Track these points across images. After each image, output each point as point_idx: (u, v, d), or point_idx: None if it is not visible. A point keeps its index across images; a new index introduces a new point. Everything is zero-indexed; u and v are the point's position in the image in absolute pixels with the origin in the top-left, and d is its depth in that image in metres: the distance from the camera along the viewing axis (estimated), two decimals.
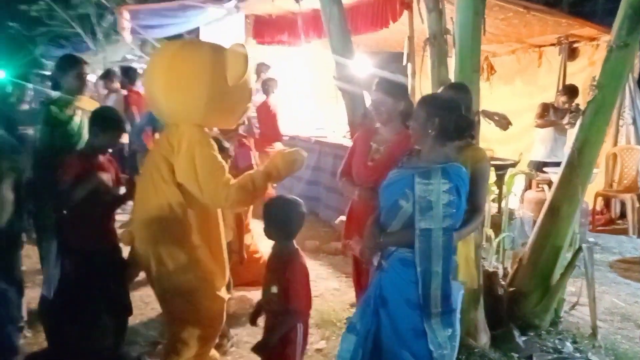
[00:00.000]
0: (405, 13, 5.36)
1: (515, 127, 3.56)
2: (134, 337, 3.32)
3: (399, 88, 3.00)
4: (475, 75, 3.25)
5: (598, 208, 6.46)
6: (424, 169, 2.15)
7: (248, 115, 6.12)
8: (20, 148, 1.40)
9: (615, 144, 6.60)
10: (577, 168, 3.38)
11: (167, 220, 2.55)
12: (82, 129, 3.20)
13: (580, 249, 3.53)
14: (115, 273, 2.88)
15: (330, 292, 4.23)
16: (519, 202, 5.57)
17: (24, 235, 3.57)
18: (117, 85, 6.80)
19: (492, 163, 3.93)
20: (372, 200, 2.58)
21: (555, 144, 6.17)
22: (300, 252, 2.44)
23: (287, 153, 2.65)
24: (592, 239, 5.50)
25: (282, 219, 2.39)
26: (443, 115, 2.18)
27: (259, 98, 6.39)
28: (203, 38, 7.90)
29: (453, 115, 2.22)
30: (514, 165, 5.02)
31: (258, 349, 2.40)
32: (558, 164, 4.22)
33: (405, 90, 3.08)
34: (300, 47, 7.53)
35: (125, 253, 2.93)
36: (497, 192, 4.54)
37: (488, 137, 5.94)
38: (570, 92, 6.12)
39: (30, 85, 5.91)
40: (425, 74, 3.58)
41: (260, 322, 2.52)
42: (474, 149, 2.60)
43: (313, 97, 9.00)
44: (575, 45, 6.84)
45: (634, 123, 6.54)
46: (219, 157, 2.54)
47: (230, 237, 3.44)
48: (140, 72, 7.58)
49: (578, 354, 3.31)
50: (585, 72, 6.67)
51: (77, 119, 3.22)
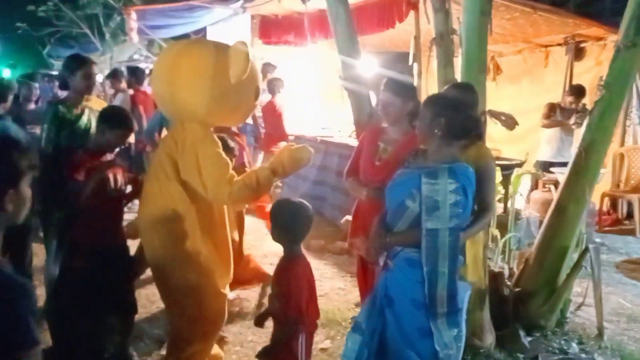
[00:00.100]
0: (411, 13, 5.36)
1: (522, 127, 3.55)
2: (140, 335, 3.34)
3: (408, 88, 2.99)
4: (482, 75, 3.24)
5: (605, 208, 6.43)
6: (431, 169, 2.15)
7: (254, 115, 6.17)
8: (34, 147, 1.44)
9: (623, 144, 6.57)
10: (584, 168, 3.37)
11: (171, 218, 2.56)
12: (89, 129, 3.20)
13: (587, 250, 3.52)
14: (122, 271, 2.90)
15: (335, 291, 4.24)
16: (525, 202, 5.56)
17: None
18: (123, 85, 6.83)
19: (498, 163, 3.93)
20: (379, 200, 2.55)
21: (562, 144, 6.16)
22: (306, 259, 2.40)
23: (293, 150, 2.62)
24: (598, 240, 5.47)
25: (288, 223, 2.36)
26: (449, 115, 2.18)
27: (265, 98, 6.41)
28: (210, 38, 7.92)
29: (459, 115, 2.21)
30: (520, 165, 4.99)
31: (262, 355, 2.40)
32: (565, 164, 4.21)
33: (414, 91, 3.06)
34: (306, 47, 7.54)
35: (133, 250, 2.95)
36: (503, 192, 4.52)
37: (494, 137, 5.92)
38: (578, 92, 6.10)
39: (37, 85, 5.93)
40: (432, 74, 3.58)
41: (269, 323, 2.52)
42: (478, 147, 2.58)
43: (319, 97, 9.01)
44: (582, 45, 6.81)
45: None
46: (223, 154, 2.55)
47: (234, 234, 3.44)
48: (147, 72, 7.62)
49: (584, 355, 3.30)
50: (592, 72, 6.63)
51: (84, 119, 3.22)
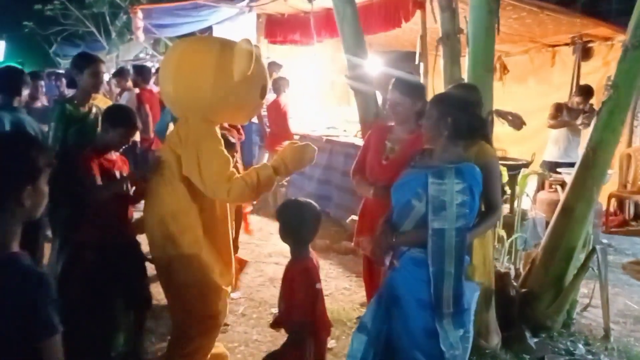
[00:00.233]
0: (418, 12, 5.34)
1: (528, 127, 3.53)
2: (146, 333, 3.34)
3: (417, 88, 2.98)
4: (489, 75, 3.23)
5: (612, 209, 6.39)
6: (438, 169, 2.14)
7: (259, 114, 6.17)
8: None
9: (630, 145, 6.53)
10: (591, 169, 3.35)
11: (173, 214, 2.57)
12: (96, 127, 3.20)
13: (594, 251, 3.51)
14: (133, 266, 2.91)
15: (340, 291, 4.23)
16: (532, 202, 5.53)
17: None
18: (129, 84, 6.85)
19: (504, 163, 3.92)
20: (386, 199, 2.52)
21: (569, 145, 6.14)
22: (312, 262, 2.33)
23: (296, 148, 2.60)
24: (605, 241, 5.44)
25: (293, 224, 2.30)
26: (456, 115, 2.17)
27: (270, 97, 6.40)
28: None
29: (466, 115, 2.20)
30: (527, 166, 4.98)
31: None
32: (571, 165, 4.19)
33: (423, 91, 3.04)
34: (313, 46, 7.53)
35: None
36: (509, 192, 4.51)
37: (501, 137, 5.89)
38: (585, 92, 6.07)
39: (42, 83, 5.94)
40: (438, 73, 3.56)
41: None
42: (480, 146, 2.55)
43: (324, 96, 9.01)
44: (590, 45, 6.77)
45: None
46: (224, 152, 2.53)
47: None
48: (153, 70, 7.64)
49: (590, 356, 3.29)
50: (600, 72, 6.60)
51: (92, 117, 3.23)
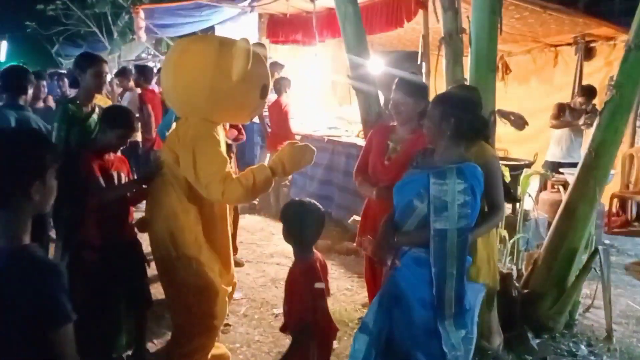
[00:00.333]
0: (420, 12, 5.34)
1: (531, 127, 3.52)
2: (147, 333, 3.34)
3: (420, 88, 2.98)
4: (492, 75, 3.22)
5: (614, 210, 6.38)
6: (439, 169, 2.14)
7: (261, 114, 6.16)
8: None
9: (632, 145, 6.52)
10: (593, 169, 3.34)
11: (173, 213, 2.58)
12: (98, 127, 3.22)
13: (596, 251, 3.49)
14: (133, 266, 2.92)
15: (342, 292, 4.23)
16: (534, 203, 5.51)
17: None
18: (131, 84, 6.85)
19: (506, 163, 3.91)
20: (389, 199, 2.49)
21: (572, 145, 6.12)
22: (316, 264, 2.27)
23: (295, 148, 2.58)
24: (607, 241, 5.43)
25: (295, 225, 2.26)
26: (459, 115, 2.17)
27: (271, 97, 6.39)
28: None
29: (469, 115, 2.20)
30: (529, 166, 4.96)
31: None
32: (574, 165, 4.17)
33: (426, 91, 3.04)
34: (315, 46, 7.53)
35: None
36: (516, 193, 4.49)
37: (503, 137, 5.89)
38: (589, 92, 6.05)
39: (44, 83, 5.94)
40: (440, 73, 3.56)
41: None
42: (480, 146, 2.54)
43: (326, 96, 9.00)
44: (592, 45, 6.76)
45: None
46: (222, 153, 2.52)
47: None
48: (155, 70, 7.64)
49: (593, 357, 3.28)
50: (602, 72, 6.59)
51: (94, 117, 3.23)
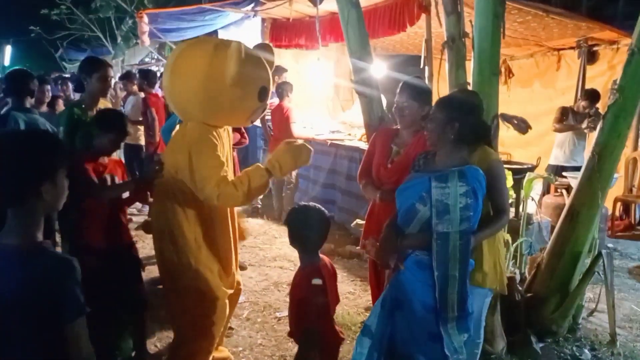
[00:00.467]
0: (423, 16, 5.34)
1: (534, 131, 3.53)
2: (149, 336, 3.35)
3: (424, 93, 2.97)
4: (495, 79, 3.22)
5: (617, 213, 6.36)
6: (441, 173, 2.14)
7: (263, 118, 6.17)
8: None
9: (636, 149, 6.50)
10: (597, 173, 3.34)
11: (174, 215, 2.58)
12: None
13: (600, 255, 3.49)
14: (129, 269, 2.93)
15: (345, 295, 4.22)
16: (537, 206, 5.50)
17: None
18: (135, 88, 6.88)
19: (509, 167, 3.90)
20: (393, 203, 2.49)
21: (575, 148, 6.12)
22: (321, 271, 2.26)
23: (290, 148, 2.57)
24: (611, 245, 5.40)
25: (299, 229, 2.26)
26: (462, 119, 2.17)
27: (274, 101, 6.41)
28: None
29: (472, 119, 2.20)
30: (532, 170, 4.95)
31: None
32: (577, 169, 4.17)
33: (430, 95, 3.03)
34: (318, 50, 7.54)
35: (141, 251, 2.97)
36: (514, 196, 4.48)
37: (506, 141, 5.88)
38: (592, 96, 6.05)
39: (49, 87, 5.97)
40: (443, 77, 3.56)
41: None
42: (482, 150, 2.54)
43: (329, 100, 9.01)
44: (595, 49, 6.77)
45: None
46: (218, 156, 2.51)
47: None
48: (159, 75, 7.67)
49: None
50: (605, 75, 6.58)
51: None
